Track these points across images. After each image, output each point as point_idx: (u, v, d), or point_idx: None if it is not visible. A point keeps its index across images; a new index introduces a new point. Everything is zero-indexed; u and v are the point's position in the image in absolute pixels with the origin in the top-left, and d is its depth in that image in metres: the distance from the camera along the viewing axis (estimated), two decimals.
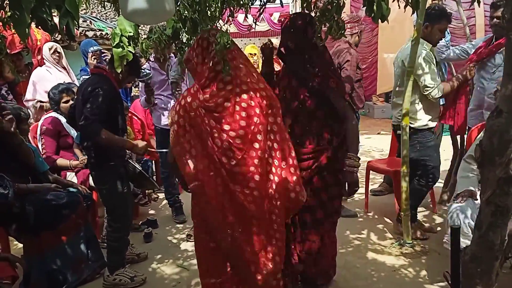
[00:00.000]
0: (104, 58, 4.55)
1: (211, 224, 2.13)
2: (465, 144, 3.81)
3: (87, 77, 3.24)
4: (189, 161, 2.06)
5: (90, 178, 3.48)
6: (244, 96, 2.02)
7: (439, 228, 3.67)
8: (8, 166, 2.77)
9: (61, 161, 3.60)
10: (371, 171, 4.27)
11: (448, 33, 4.48)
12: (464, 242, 1.90)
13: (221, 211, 2.07)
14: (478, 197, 2.55)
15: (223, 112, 2.02)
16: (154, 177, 4.67)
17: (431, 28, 3.33)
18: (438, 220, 3.92)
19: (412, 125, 3.35)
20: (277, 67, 4.58)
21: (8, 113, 2.86)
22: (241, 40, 11.25)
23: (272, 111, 2.08)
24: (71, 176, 3.59)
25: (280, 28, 2.57)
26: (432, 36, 3.35)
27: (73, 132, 3.71)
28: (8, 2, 1.79)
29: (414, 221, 3.54)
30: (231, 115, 2.01)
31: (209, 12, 2.49)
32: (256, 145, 2.00)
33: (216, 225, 2.11)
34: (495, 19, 3.13)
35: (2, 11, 1.99)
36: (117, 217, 2.96)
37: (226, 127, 2.01)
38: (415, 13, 2.58)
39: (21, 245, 2.95)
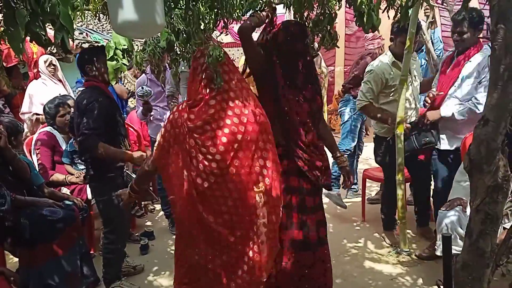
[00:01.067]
0: None
1: (184, 239, 2.18)
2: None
3: (82, 89, 3.25)
4: (170, 176, 2.10)
5: (88, 190, 3.50)
6: (231, 114, 2.00)
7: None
8: (3, 179, 2.76)
9: (57, 176, 3.59)
10: (367, 180, 4.29)
11: (441, 42, 4.54)
12: (455, 249, 1.92)
13: (190, 231, 2.10)
14: (468, 205, 2.57)
15: (203, 134, 1.99)
16: (151, 188, 4.67)
17: (394, 41, 3.51)
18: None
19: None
20: None
21: None
22: (238, 50, 11.30)
23: (263, 130, 2.06)
24: (65, 189, 3.58)
25: None
26: (397, 49, 3.47)
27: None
28: (2, 17, 1.81)
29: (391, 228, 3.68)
30: (211, 138, 1.97)
31: (202, 24, 2.51)
32: (238, 163, 1.98)
33: (187, 242, 2.14)
34: (455, 35, 3.16)
35: None
36: (114, 228, 2.96)
37: (203, 150, 1.98)
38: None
39: (16, 259, 2.94)
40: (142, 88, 3.88)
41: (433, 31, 4.40)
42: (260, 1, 2.51)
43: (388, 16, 2.14)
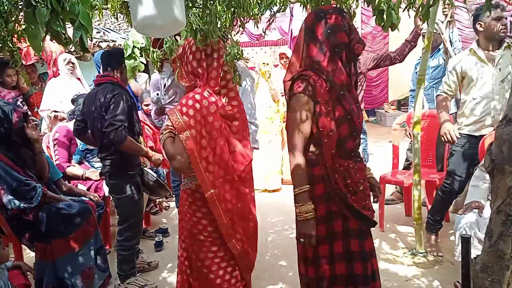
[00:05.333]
0: None
1: (221, 234, 2.15)
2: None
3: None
4: (207, 168, 2.05)
5: (104, 187, 3.54)
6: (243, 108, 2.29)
7: (452, 238, 3.62)
8: (26, 174, 2.80)
9: (74, 170, 3.64)
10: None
11: (460, 41, 4.47)
12: (474, 252, 1.89)
13: (231, 218, 2.12)
14: (485, 208, 2.54)
15: (235, 121, 2.15)
16: (166, 182, 4.71)
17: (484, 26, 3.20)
18: (451, 228, 3.87)
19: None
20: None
21: (33, 121, 2.93)
22: (252, 49, 11.31)
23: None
24: (81, 186, 3.63)
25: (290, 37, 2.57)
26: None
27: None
28: (22, 16, 1.84)
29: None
30: (240, 125, 2.18)
31: (219, 23, 2.51)
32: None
33: (227, 233, 2.13)
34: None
35: (17, 24, 2.04)
36: (129, 226, 2.99)
37: (237, 135, 2.16)
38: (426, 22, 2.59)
39: (33, 254, 2.98)
40: (157, 94, 3.90)
41: (452, 30, 4.33)
42: (277, 0, 2.51)
43: (409, 15, 2.12)
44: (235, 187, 2.12)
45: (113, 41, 6.46)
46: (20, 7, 1.98)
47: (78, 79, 4.76)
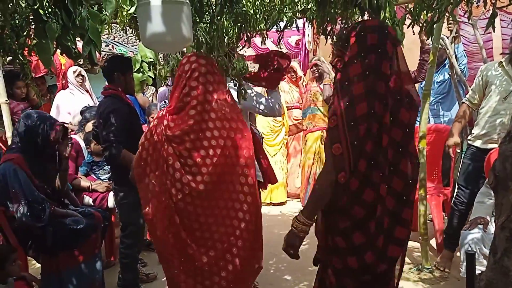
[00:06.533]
0: None
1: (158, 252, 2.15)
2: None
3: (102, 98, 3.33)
4: (148, 185, 2.07)
5: (109, 199, 3.56)
6: (212, 127, 1.95)
7: (458, 254, 3.59)
8: (43, 190, 2.81)
9: (80, 182, 3.67)
10: None
11: (465, 56, 4.49)
12: (479, 268, 1.88)
13: (165, 244, 2.05)
14: (490, 224, 2.53)
15: (181, 145, 1.97)
16: None
17: None
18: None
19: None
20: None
21: (69, 138, 3.00)
22: None
23: (242, 149, 1.99)
24: (88, 198, 3.65)
25: (297, 51, 2.59)
26: None
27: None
28: (33, 30, 1.88)
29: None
30: (189, 149, 1.95)
31: (226, 38, 2.55)
32: (215, 178, 1.95)
33: (161, 255, 2.12)
34: None
35: (28, 38, 2.09)
36: (130, 233, 3.04)
37: (182, 160, 1.96)
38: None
39: (39, 265, 2.99)
40: (165, 102, 3.96)
41: (457, 45, 4.35)
42: (284, 16, 2.55)
43: (413, 32, 2.14)
44: (167, 216, 2.01)
45: (122, 54, 6.54)
46: (31, 21, 2.03)
47: (87, 91, 4.82)
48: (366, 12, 2.07)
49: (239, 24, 2.41)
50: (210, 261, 1.99)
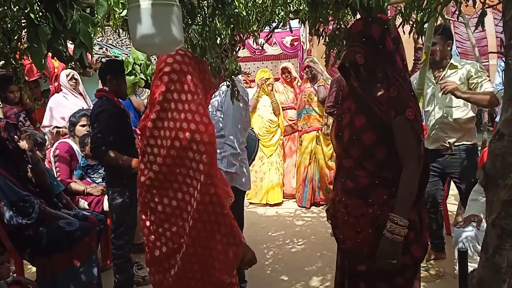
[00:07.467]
0: None
1: None
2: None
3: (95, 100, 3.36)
4: None
5: (104, 202, 3.56)
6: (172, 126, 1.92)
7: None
8: (26, 188, 2.83)
9: (75, 186, 3.67)
10: None
11: (457, 54, 4.52)
12: (473, 266, 1.89)
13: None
14: (483, 221, 2.55)
15: (146, 139, 1.98)
16: None
17: None
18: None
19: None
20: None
21: (25, 132, 3.02)
22: (254, 64, 11.38)
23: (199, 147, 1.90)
24: (83, 201, 3.65)
25: (292, 51, 2.60)
26: None
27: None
28: (25, 34, 1.88)
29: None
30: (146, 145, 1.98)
31: (218, 39, 2.56)
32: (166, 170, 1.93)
33: None
34: None
35: (19, 42, 2.09)
36: (121, 233, 3.04)
37: (148, 149, 1.98)
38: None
39: (34, 269, 2.98)
40: None
41: None
42: (276, 17, 2.55)
43: (404, 31, 2.15)
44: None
45: (115, 57, 6.54)
46: (23, 25, 2.03)
47: (81, 94, 4.81)
48: (357, 12, 2.08)
49: (232, 26, 2.41)
50: (161, 255, 2.01)
